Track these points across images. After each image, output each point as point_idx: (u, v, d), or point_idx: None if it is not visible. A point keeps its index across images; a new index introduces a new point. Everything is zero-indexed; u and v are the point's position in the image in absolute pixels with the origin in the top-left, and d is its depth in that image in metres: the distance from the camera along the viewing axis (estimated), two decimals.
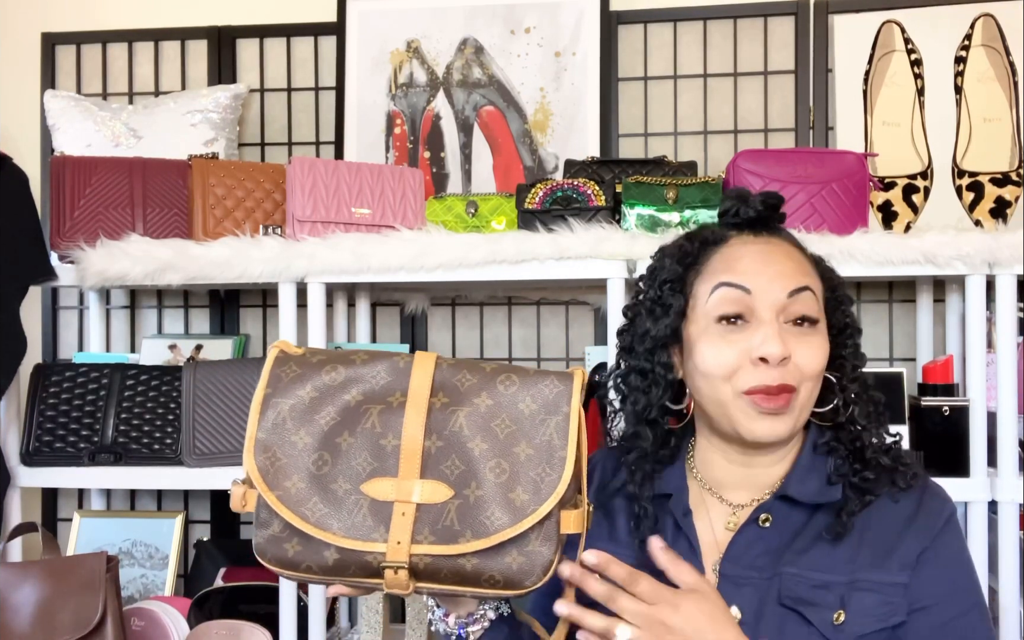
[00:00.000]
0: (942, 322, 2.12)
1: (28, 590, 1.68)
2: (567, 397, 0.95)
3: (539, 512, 0.91)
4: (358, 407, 0.95)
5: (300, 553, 0.93)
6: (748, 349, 1.02)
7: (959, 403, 1.74)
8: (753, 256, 1.06)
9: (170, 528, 2.15)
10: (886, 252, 1.72)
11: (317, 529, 0.91)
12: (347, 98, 2.31)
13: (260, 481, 0.93)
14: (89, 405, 1.97)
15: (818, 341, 1.04)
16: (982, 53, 2.14)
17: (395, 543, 0.90)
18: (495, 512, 0.91)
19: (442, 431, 0.94)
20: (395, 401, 0.95)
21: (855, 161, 1.82)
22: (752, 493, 1.09)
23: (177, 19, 2.42)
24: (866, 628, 0.99)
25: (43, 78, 2.43)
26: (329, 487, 0.93)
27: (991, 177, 2.10)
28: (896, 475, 1.05)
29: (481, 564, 0.91)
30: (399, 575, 0.90)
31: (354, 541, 0.91)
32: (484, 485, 0.92)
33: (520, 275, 1.82)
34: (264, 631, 1.82)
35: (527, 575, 0.92)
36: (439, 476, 0.92)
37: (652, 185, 1.83)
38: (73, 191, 1.95)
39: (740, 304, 1.04)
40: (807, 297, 1.04)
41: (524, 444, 0.93)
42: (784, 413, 1.02)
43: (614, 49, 2.28)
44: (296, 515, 0.92)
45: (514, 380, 0.96)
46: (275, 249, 1.85)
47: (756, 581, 1.02)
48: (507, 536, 0.90)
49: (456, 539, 0.91)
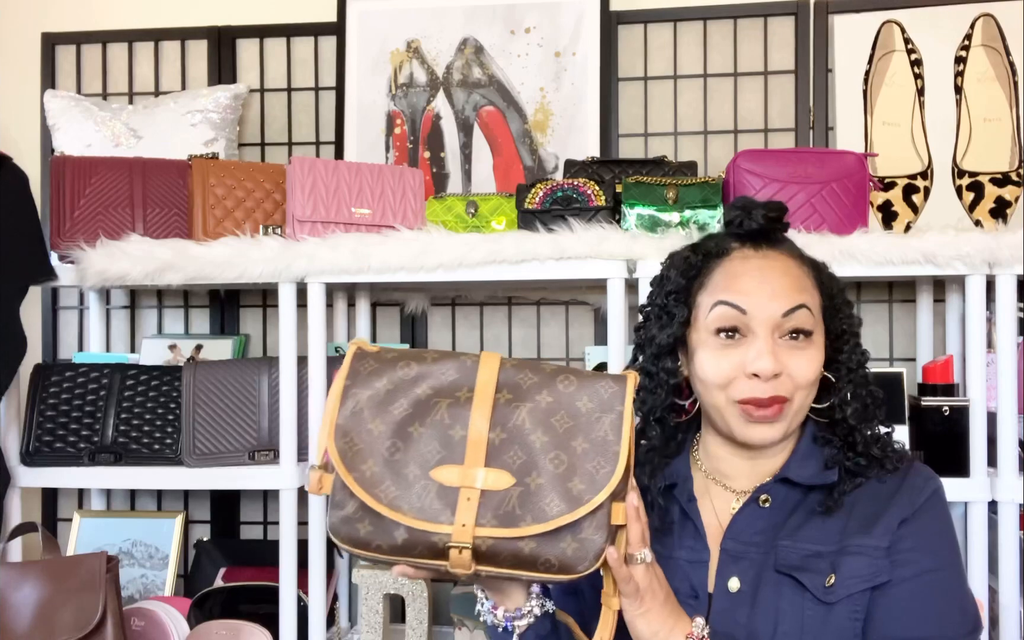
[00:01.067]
0: (942, 322, 2.12)
1: (28, 590, 1.68)
2: (621, 397, 1.02)
3: (594, 501, 0.97)
4: (428, 400, 1.03)
5: (371, 533, 0.99)
6: (742, 363, 1.10)
7: (959, 403, 1.74)
8: (751, 274, 1.12)
9: (170, 528, 2.15)
10: (886, 252, 1.72)
11: (389, 509, 0.98)
12: (347, 98, 2.31)
13: (340, 463, 1.00)
14: (89, 405, 1.97)
15: (811, 352, 1.11)
16: (982, 53, 2.14)
17: (460, 525, 0.97)
18: (554, 499, 0.98)
19: (506, 424, 1.01)
20: (463, 396, 1.03)
21: (855, 161, 1.82)
22: (754, 481, 1.16)
23: (177, 19, 2.42)
24: (853, 588, 1.07)
25: (43, 78, 2.43)
26: (401, 471, 1.00)
27: (991, 177, 2.10)
28: (885, 460, 1.13)
29: (538, 548, 0.97)
30: (463, 555, 0.97)
31: (423, 522, 0.98)
32: (544, 474, 0.99)
33: (520, 275, 1.82)
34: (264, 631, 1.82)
35: (580, 560, 0.98)
36: (502, 465, 1.00)
37: (652, 185, 1.83)
38: (73, 191, 1.95)
39: (736, 320, 1.11)
40: (802, 314, 1.10)
41: (581, 439, 1.00)
42: (776, 420, 1.10)
43: (614, 49, 2.28)
44: (370, 496, 0.99)
45: (572, 380, 1.03)
46: (275, 249, 1.85)
47: (754, 555, 1.11)
48: (564, 521, 0.97)
49: (517, 523, 0.97)
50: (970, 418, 1.72)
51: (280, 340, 1.89)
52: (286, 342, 1.88)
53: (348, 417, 1.03)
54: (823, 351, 1.13)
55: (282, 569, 1.89)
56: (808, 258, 1.18)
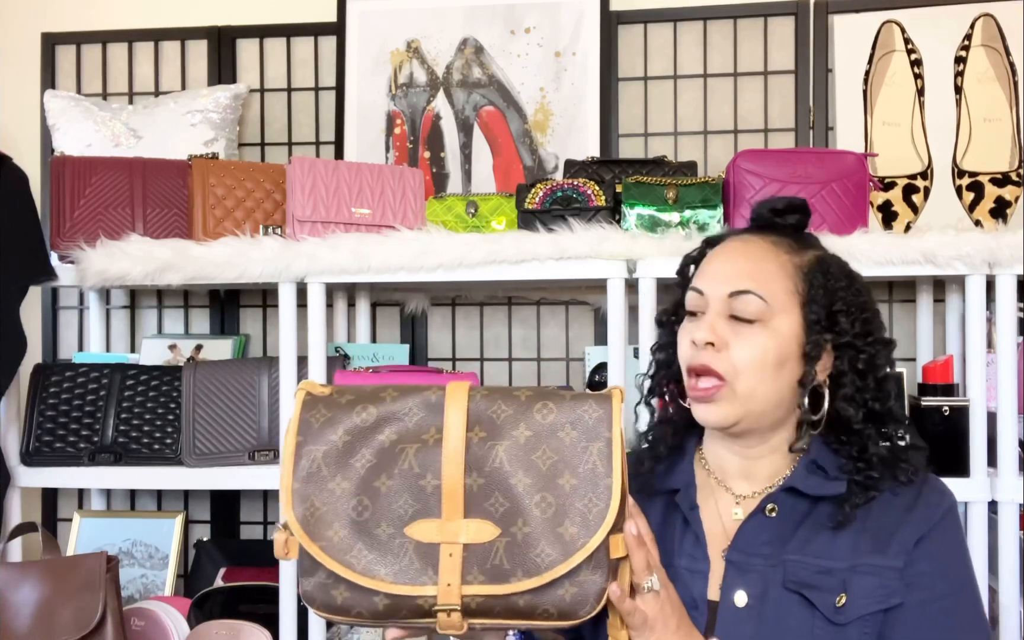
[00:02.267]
0: (942, 322, 2.12)
1: (28, 590, 1.68)
2: (607, 421, 0.95)
3: (589, 545, 0.91)
4: (393, 447, 0.94)
5: (349, 600, 0.92)
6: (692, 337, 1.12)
7: (959, 403, 1.74)
8: (720, 258, 1.14)
9: (170, 528, 2.15)
10: (886, 252, 1.72)
11: (365, 577, 0.91)
12: (347, 98, 2.31)
13: (302, 533, 0.92)
14: (89, 405, 1.97)
15: (756, 338, 1.08)
16: (982, 53, 2.14)
17: (445, 585, 0.90)
18: (544, 548, 0.91)
19: (482, 467, 0.93)
20: (430, 439, 0.94)
21: (855, 161, 1.82)
22: (753, 485, 1.14)
23: (177, 19, 2.42)
24: (865, 609, 1.03)
25: (43, 78, 2.43)
26: (372, 532, 0.92)
27: (991, 177, 2.10)
28: (897, 471, 1.09)
29: (534, 599, 0.91)
30: (452, 617, 0.90)
31: (403, 586, 0.91)
32: (531, 521, 0.91)
33: (520, 275, 1.82)
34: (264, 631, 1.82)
35: (581, 605, 0.91)
36: (484, 514, 0.92)
37: (652, 185, 1.83)
38: (73, 191, 1.95)
39: (698, 302, 1.13)
40: (748, 299, 1.09)
41: (568, 475, 0.93)
42: (714, 400, 1.09)
43: (614, 49, 2.28)
44: (342, 564, 0.91)
45: (551, 408, 0.95)
46: (275, 249, 1.85)
47: (761, 567, 1.07)
48: (559, 572, 0.90)
49: (507, 578, 0.90)
50: (970, 418, 1.72)
51: (280, 340, 1.89)
52: (286, 342, 1.88)
53: (304, 479, 0.94)
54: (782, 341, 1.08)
55: (282, 569, 1.88)
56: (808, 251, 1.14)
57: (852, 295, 1.12)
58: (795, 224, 1.16)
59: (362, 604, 0.91)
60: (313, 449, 0.94)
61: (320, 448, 0.94)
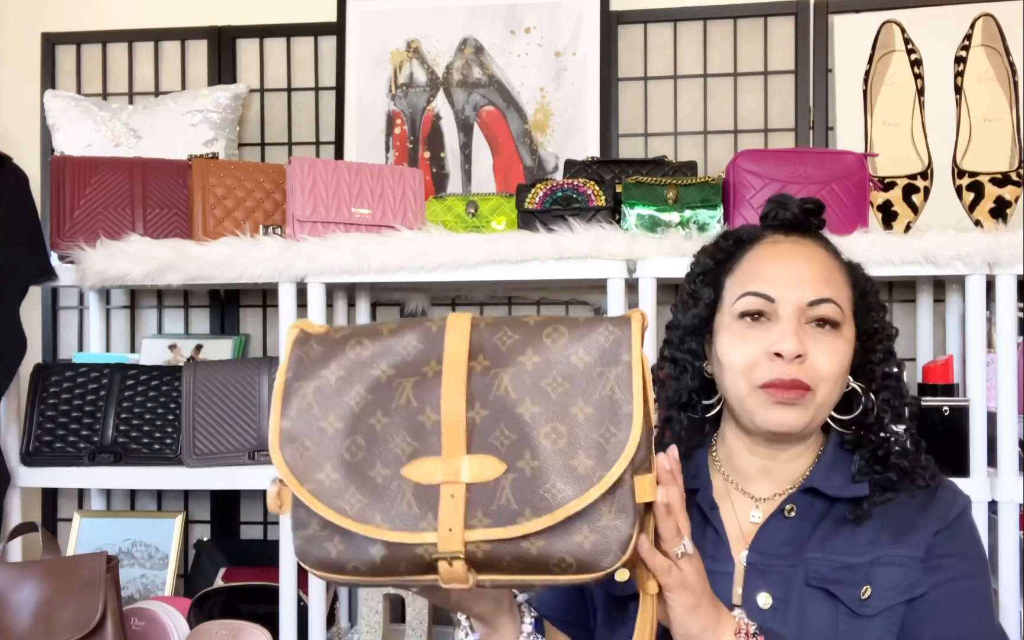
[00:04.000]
0: (942, 322, 2.12)
1: (28, 590, 1.68)
2: (626, 344, 0.84)
3: (607, 478, 0.80)
4: (389, 382, 0.85)
5: (344, 553, 0.83)
6: (766, 345, 1.06)
7: (959, 403, 1.74)
8: (779, 259, 1.10)
9: (170, 528, 2.15)
10: (886, 252, 1.72)
11: (358, 523, 0.82)
12: (347, 98, 2.31)
13: (289, 475, 0.85)
14: (89, 405, 1.97)
15: (838, 345, 1.07)
16: (982, 53, 2.14)
17: (446, 531, 0.80)
18: (556, 483, 0.81)
19: (486, 398, 0.84)
20: (430, 371, 0.85)
21: (855, 161, 1.82)
22: (774, 487, 1.12)
23: (177, 19, 2.42)
24: (891, 600, 1.03)
25: (43, 78, 2.43)
26: (367, 474, 0.83)
27: (991, 177, 2.10)
28: (915, 476, 1.10)
29: (548, 546, 0.81)
30: (455, 567, 0.80)
31: (400, 533, 0.81)
32: (540, 454, 0.82)
33: (520, 275, 1.82)
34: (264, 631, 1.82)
35: (603, 554, 0.80)
36: (488, 449, 0.82)
37: (652, 185, 1.83)
38: (73, 191, 1.95)
39: (762, 305, 1.08)
40: (829, 307, 1.07)
41: (581, 403, 0.83)
42: (797, 404, 1.05)
43: (614, 49, 2.28)
44: (332, 509, 0.82)
45: (562, 331, 0.85)
46: (275, 249, 1.85)
47: (782, 568, 1.06)
48: (573, 509, 0.80)
49: (515, 519, 0.80)
50: (970, 418, 1.72)
51: (280, 340, 1.89)
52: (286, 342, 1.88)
53: (295, 418, 0.86)
54: (851, 347, 1.09)
55: (282, 569, 1.88)
56: (841, 254, 1.15)
57: (874, 294, 1.15)
58: (818, 224, 1.16)
59: (358, 556, 0.82)
60: (304, 386, 0.87)
61: (311, 384, 0.86)
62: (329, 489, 0.83)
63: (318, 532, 0.84)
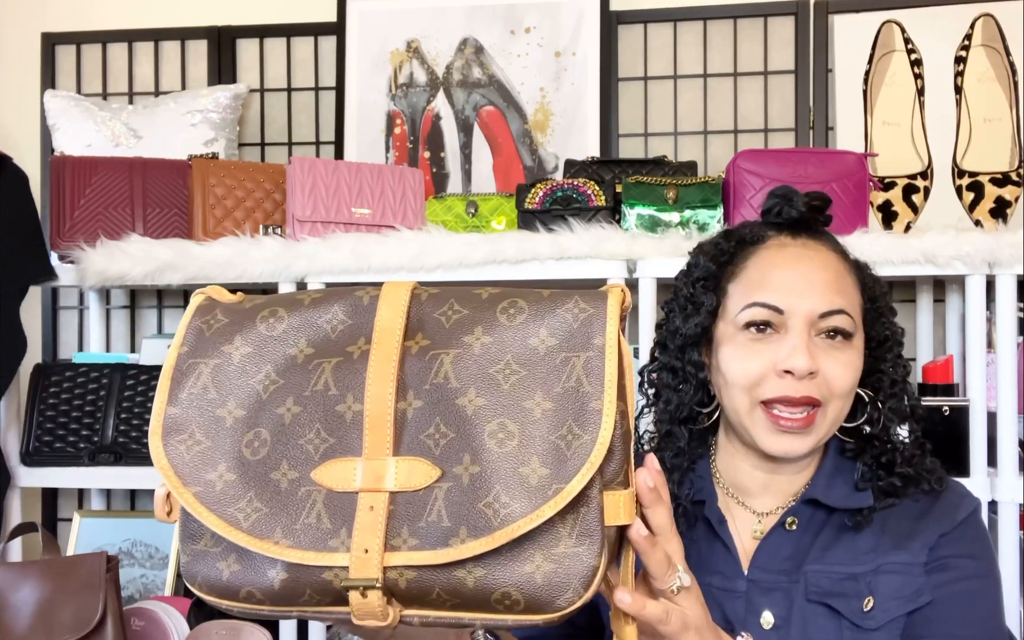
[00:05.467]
0: (942, 322, 2.12)
1: (28, 590, 1.68)
2: (599, 324, 0.68)
3: (566, 492, 0.63)
4: (307, 363, 0.69)
5: (237, 574, 0.67)
6: (775, 361, 0.99)
7: (959, 403, 1.74)
8: (788, 265, 1.02)
9: (170, 528, 2.14)
10: (886, 252, 1.72)
11: (253, 538, 0.65)
12: (347, 98, 2.31)
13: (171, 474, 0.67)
14: (89, 405, 1.97)
15: (851, 357, 1.01)
16: (982, 53, 2.14)
17: (361, 552, 0.64)
18: (500, 496, 0.64)
19: (421, 386, 0.67)
20: (356, 351, 0.69)
21: (855, 161, 1.82)
22: (776, 501, 1.07)
23: (177, 19, 2.42)
24: (895, 612, 0.97)
25: (43, 78, 2.43)
26: (268, 476, 0.67)
27: (991, 177, 2.09)
28: (921, 480, 1.04)
29: (488, 576, 0.64)
30: (369, 598, 0.64)
31: (304, 552, 0.65)
32: (482, 458, 0.65)
33: (520, 275, 1.82)
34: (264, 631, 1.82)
35: (559, 590, 0.64)
36: (420, 450, 0.66)
37: (652, 185, 1.83)
38: (73, 191, 1.95)
39: (770, 316, 1.01)
40: (842, 318, 1.00)
41: (540, 395, 0.66)
42: (806, 431, 0.99)
43: (614, 49, 2.28)
44: (222, 519, 0.66)
45: (521, 307, 0.69)
46: (275, 249, 1.85)
47: (785, 585, 1.01)
48: (519, 531, 0.63)
49: (447, 540, 0.63)
50: (970, 418, 1.72)
51: None
52: None
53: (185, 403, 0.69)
54: (862, 357, 1.02)
55: None
56: (851, 255, 1.09)
57: (883, 296, 1.09)
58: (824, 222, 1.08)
59: (253, 580, 0.67)
60: (200, 364, 0.70)
61: (210, 362, 0.70)
62: (221, 494, 0.67)
63: (209, 547, 0.68)
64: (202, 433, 0.69)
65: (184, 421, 0.69)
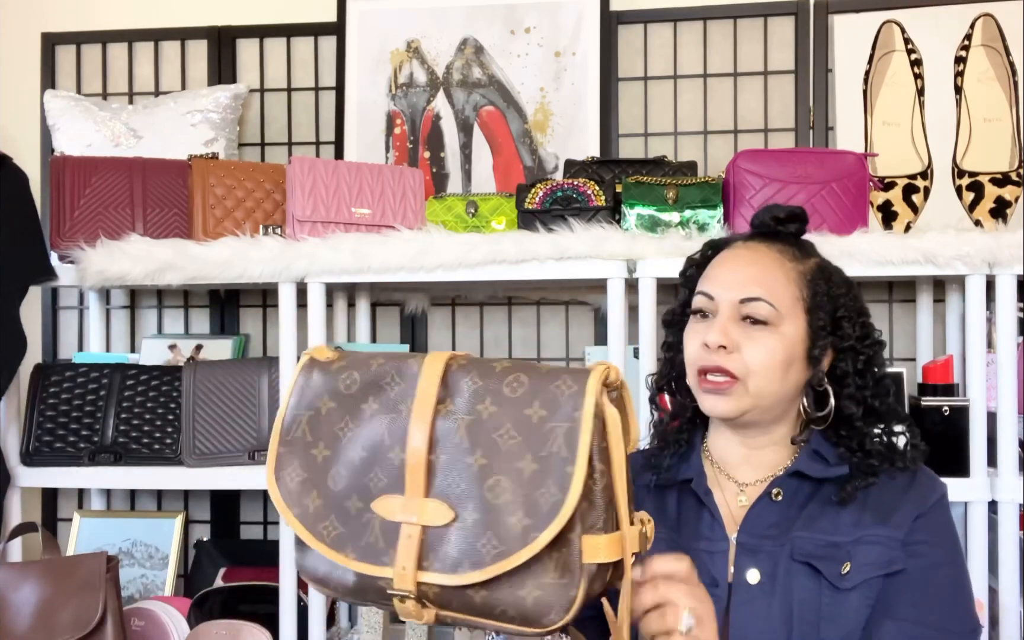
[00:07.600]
0: (942, 322, 2.12)
1: (28, 590, 1.68)
2: (579, 400, 0.83)
3: (540, 540, 0.81)
4: (372, 417, 0.89)
5: (329, 572, 0.90)
6: (704, 338, 1.17)
7: (959, 403, 1.74)
8: (727, 263, 1.20)
9: (170, 528, 2.15)
10: (886, 252, 1.72)
11: (332, 551, 0.87)
12: (347, 98, 2.31)
13: (278, 498, 0.90)
14: (89, 405, 1.97)
15: (768, 341, 1.14)
16: (982, 53, 2.14)
17: (400, 569, 0.84)
18: (492, 539, 0.82)
19: (446, 443, 0.86)
20: (405, 409, 0.88)
21: (855, 161, 1.82)
22: (756, 473, 1.20)
23: (177, 19, 2.42)
24: (868, 574, 1.10)
25: (43, 78, 2.43)
26: (344, 504, 0.88)
27: (991, 177, 2.10)
28: (895, 458, 1.17)
29: (491, 596, 0.83)
30: (407, 604, 0.84)
31: (365, 564, 0.86)
32: (482, 507, 0.83)
33: (520, 275, 1.82)
34: (264, 631, 1.82)
35: (545, 612, 0.82)
36: (444, 495, 0.85)
37: (652, 185, 1.83)
38: (73, 191, 1.95)
39: (706, 304, 1.19)
40: (759, 305, 1.15)
41: (529, 457, 0.83)
42: (726, 393, 1.15)
43: (614, 49, 2.28)
44: (313, 534, 0.88)
45: (523, 382, 0.86)
46: (275, 249, 1.85)
47: (770, 548, 1.13)
48: (506, 568, 0.81)
49: (456, 569, 0.83)
50: (970, 418, 1.72)
51: (280, 340, 1.89)
52: (286, 342, 1.88)
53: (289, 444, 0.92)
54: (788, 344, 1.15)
55: (282, 569, 1.89)
56: (810, 259, 1.21)
57: (851, 301, 1.20)
58: (795, 232, 1.22)
59: (338, 577, 0.89)
60: (300, 415, 0.92)
61: (306, 414, 0.92)
62: (312, 514, 0.89)
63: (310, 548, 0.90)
64: (302, 468, 0.91)
65: (289, 458, 0.91)
